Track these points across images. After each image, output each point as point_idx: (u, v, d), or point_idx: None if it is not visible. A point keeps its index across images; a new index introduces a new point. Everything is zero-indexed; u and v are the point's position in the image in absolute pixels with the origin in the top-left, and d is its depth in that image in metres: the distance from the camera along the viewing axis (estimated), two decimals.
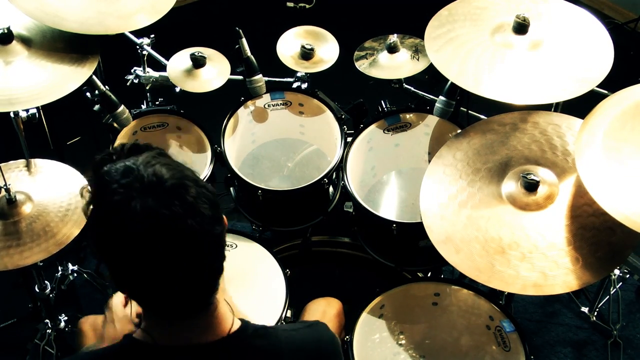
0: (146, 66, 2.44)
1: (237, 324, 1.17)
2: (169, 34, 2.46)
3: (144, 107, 2.48)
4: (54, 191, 1.95)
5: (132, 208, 0.98)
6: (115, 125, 2.16)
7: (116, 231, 1.01)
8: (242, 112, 2.35)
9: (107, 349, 1.19)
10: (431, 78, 2.29)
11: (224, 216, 1.12)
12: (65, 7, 1.99)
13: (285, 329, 1.24)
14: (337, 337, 1.81)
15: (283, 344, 1.19)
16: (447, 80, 1.99)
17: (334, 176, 2.25)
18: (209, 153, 2.25)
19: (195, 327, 1.13)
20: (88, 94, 2.19)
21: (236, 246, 2.09)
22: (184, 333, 1.12)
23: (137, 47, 2.41)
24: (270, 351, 1.18)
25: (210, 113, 2.36)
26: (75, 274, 2.53)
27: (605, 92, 2.00)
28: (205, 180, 2.16)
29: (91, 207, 1.05)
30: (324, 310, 1.91)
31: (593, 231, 1.67)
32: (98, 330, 1.87)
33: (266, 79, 2.32)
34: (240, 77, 2.30)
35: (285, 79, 2.44)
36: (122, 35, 2.32)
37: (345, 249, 2.49)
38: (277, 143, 2.50)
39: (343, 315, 1.95)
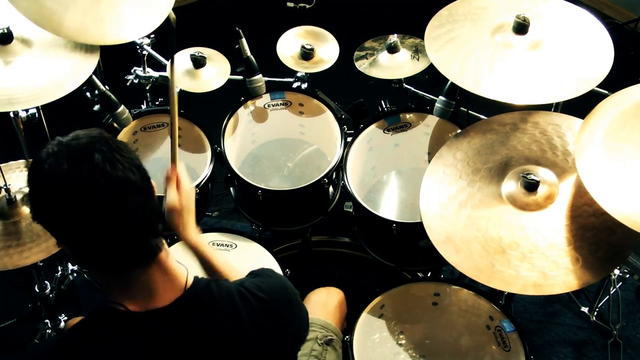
0: (146, 66, 2.44)
1: (191, 279, 1.23)
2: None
3: (144, 107, 2.48)
4: None
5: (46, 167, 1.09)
6: (115, 125, 2.16)
7: (36, 188, 1.11)
8: (242, 112, 2.35)
9: (83, 319, 1.23)
10: (431, 78, 2.29)
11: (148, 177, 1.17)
12: (63, 10, 1.98)
13: (235, 281, 1.29)
14: (332, 330, 1.82)
15: (235, 295, 1.24)
16: (447, 80, 2.00)
17: (334, 176, 2.25)
18: (209, 153, 2.25)
19: (151, 285, 1.18)
20: (88, 94, 2.19)
21: (236, 246, 2.09)
22: (144, 294, 1.17)
23: (137, 47, 2.41)
24: (225, 302, 1.22)
25: (210, 113, 2.36)
26: (75, 274, 2.53)
27: (605, 92, 2.00)
28: (205, 179, 2.16)
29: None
30: (325, 301, 1.91)
31: (593, 231, 1.67)
32: None
33: (266, 79, 2.32)
34: (240, 77, 2.30)
35: (285, 79, 2.44)
36: None
37: (345, 249, 2.49)
38: (277, 143, 2.51)
39: (345, 305, 1.95)
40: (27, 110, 2.02)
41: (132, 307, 1.17)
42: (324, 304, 1.90)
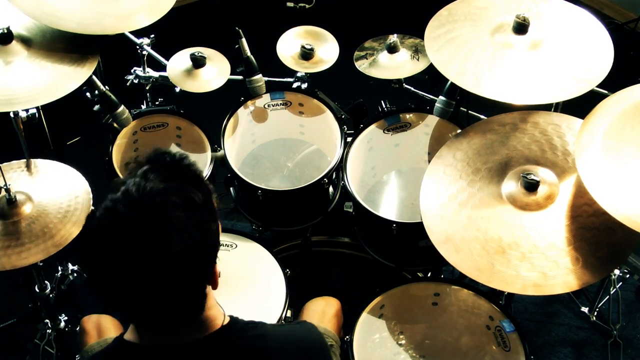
0: (146, 66, 2.44)
1: (227, 320, 1.19)
2: (169, 34, 2.46)
3: (144, 107, 2.48)
4: (54, 191, 1.95)
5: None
6: (115, 125, 2.16)
7: (95, 264, 1.05)
8: (242, 112, 2.35)
9: (98, 353, 1.20)
10: (431, 78, 2.29)
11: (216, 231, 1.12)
12: (63, 7, 1.99)
13: (273, 325, 1.27)
14: (332, 337, 1.81)
15: (270, 337, 1.21)
16: (447, 80, 1.99)
17: (334, 176, 2.25)
18: (209, 153, 2.25)
19: (187, 328, 1.15)
20: (88, 94, 2.19)
21: (236, 246, 2.09)
22: (175, 333, 1.14)
23: (137, 47, 2.41)
24: (257, 344, 1.19)
25: (210, 113, 2.35)
26: (75, 274, 2.53)
27: (605, 92, 2.00)
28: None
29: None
30: (323, 310, 1.91)
31: (593, 231, 1.67)
32: (101, 329, 1.87)
33: (266, 79, 2.32)
34: (240, 77, 2.30)
35: (285, 79, 2.44)
36: (122, 35, 2.32)
37: (345, 249, 2.49)
38: (277, 143, 2.50)
39: (342, 315, 1.95)
40: (27, 110, 2.02)
41: (151, 341, 1.14)
42: (322, 312, 1.90)
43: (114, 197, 1.03)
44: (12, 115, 2.01)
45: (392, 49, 2.30)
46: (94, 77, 2.03)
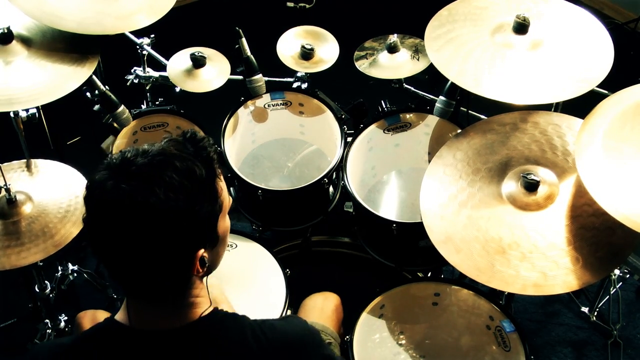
0: (146, 66, 2.44)
1: (208, 311, 1.21)
2: (169, 34, 2.46)
3: (144, 107, 2.48)
4: (54, 191, 1.95)
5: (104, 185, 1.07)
6: (115, 125, 2.16)
7: (89, 208, 1.10)
8: (242, 112, 2.35)
9: (90, 329, 1.24)
10: (431, 78, 2.29)
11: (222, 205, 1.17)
12: (63, 7, 1.99)
13: (255, 320, 1.27)
14: (330, 334, 1.81)
15: (248, 330, 1.22)
16: (447, 80, 1.99)
17: (334, 176, 2.25)
18: None
19: (169, 314, 1.18)
20: (88, 94, 2.19)
21: (236, 246, 2.09)
22: (158, 317, 1.17)
23: (137, 47, 2.41)
24: (234, 336, 1.21)
25: (210, 113, 2.35)
26: (75, 274, 2.52)
27: (605, 92, 2.00)
28: None
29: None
30: (321, 307, 1.91)
31: (593, 231, 1.67)
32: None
33: (266, 79, 2.32)
34: (240, 77, 2.30)
35: (285, 79, 2.44)
36: (122, 35, 2.32)
37: (345, 249, 2.49)
38: (277, 143, 2.50)
39: (341, 310, 1.95)
40: (27, 110, 2.02)
41: (140, 324, 1.17)
42: (320, 309, 1.90)
43: (132, 147, 1.12)
44: (12, 115, 2.01)
45: (392, 49, 2.30)
46: (94, 77, 2.03)
